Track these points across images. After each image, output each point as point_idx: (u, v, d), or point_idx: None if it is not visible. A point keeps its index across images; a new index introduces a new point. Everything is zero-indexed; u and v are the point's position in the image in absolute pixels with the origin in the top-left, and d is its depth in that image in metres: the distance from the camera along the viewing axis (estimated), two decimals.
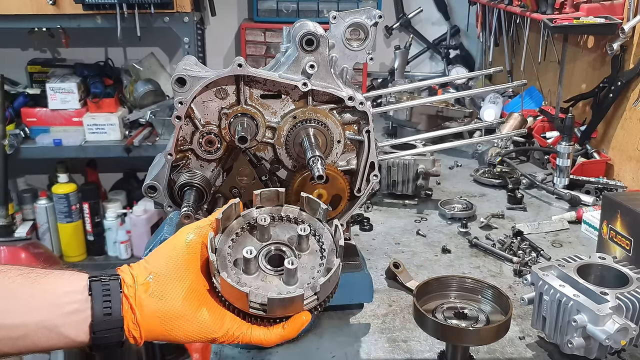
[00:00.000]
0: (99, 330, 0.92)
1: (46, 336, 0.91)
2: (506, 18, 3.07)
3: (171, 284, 0.97)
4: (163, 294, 0.96)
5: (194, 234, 1.01)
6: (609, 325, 1.19)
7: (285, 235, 1.06)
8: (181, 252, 0.99)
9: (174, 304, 0.96)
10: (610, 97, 2.36)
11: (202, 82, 1.30)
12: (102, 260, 4.14)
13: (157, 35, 4.07)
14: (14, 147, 3.68)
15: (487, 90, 2.79)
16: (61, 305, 0.92)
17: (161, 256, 0.99)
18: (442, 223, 2.05)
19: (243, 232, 1.06)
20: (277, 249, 1.04)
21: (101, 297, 0.93)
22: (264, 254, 1.03)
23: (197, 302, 0.98)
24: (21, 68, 4.05)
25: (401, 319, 1.49)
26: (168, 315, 0.96)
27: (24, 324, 0.90)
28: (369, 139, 1.38)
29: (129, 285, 0.96)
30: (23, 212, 4.15)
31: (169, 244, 1.01)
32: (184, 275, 0.98)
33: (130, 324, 0.94)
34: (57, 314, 0.92)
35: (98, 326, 0.92)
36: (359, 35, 1.47)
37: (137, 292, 0.95)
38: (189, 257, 0.99)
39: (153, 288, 0.96)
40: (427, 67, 4.31)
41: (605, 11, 2.33)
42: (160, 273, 0.97)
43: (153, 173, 1.37)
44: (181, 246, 0.99)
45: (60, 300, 0.92)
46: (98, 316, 0.92)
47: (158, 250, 1.01)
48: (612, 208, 1.59)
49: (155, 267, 0.98)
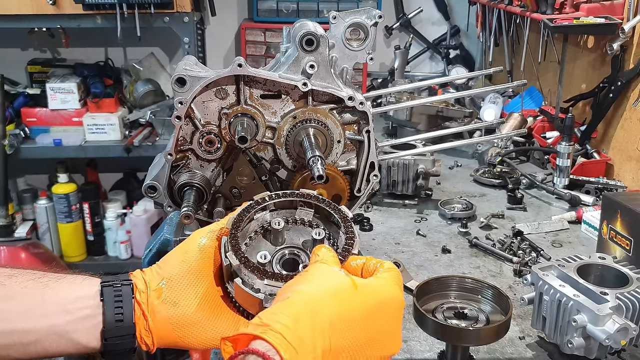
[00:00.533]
0: (111, 337, 0.91)
1: (57, 342, 0.90)
2: (506, 18, 3.07)
3: (184, 289, 0.94)
4: (176, 300, 0.94)
5: (207, 238, 0.98)
6: (609, 325, 1.19)
7: (299, 239, 1.03)
8: (194, 257, 0.96)
9: (187, 311, 0.94)
10: (610, 97, 2.36)
11: (202, 82, 1.30)
12: (102, 260, 4.15)
13: (157, 35, 4.07)
14: (14, 147, 3.68)
15: (487, 90, 2.79)
16: (72, 310, 0.91)
17: (174, 261, 0.97)
18: (442, 223, 2.05)
19: (257, 236, 1.03)
20: (292, 253, 1.01)
21: (113, 302, 0.91)
22: (278, 258, 1.00)
23: (210, 308, 0.96)
24: (21, 68, 4.05)
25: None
26: (181, 322, 0.93)
27: (35, 330, 0.89)
28: (369, 139, 1.38)
29: (141, 291, 0.93)
30: (23, 212, 4.15)
31: (182, 249, 0.98)
32: (197, 280, 0.95)
33: (143, 330, 0.92)
34: (68, 319, 0.90)
35: (109, 332, 0.91)
36: (359, 35, 1.47)
37: (150, 298, 0.93)
38: (202, 262, 0.96)
39: (166, 294, 0.94)
40: (427, 67, 4.31)
41: (605, 11, 2.33)
42: (173, 278, 0.95)
43: (153, 173, 1.38)
44: (194, 251, 0.97)
45: (71, 306, 0.91)
46: (109, 322, 0.91)
47: (170, 255, 0.99)
48: (612, 208, 1.59)
49: (168, 273, 0.95)
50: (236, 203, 1.40)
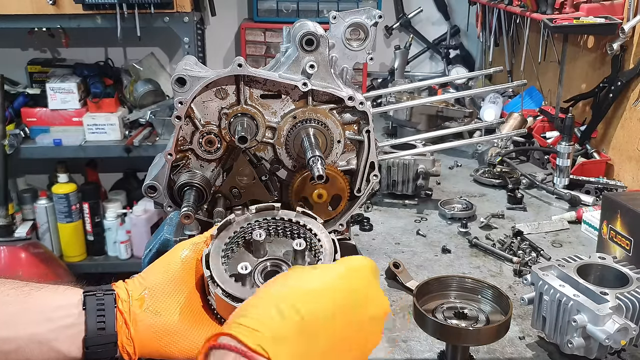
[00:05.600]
0: (92, 345, 0.91)
1: (38, 350, 0.90)
2: (506, 18, 3.07)
3: (166, 299, 0.96)
4: (158, 309, 0.95)
5: (189, 250, 1.01)
6: (609, 325, 1.19)
7: (281, 251, 1.05)
8: (176, 267, 0.98)
9: (169, 320, 0.95)
10: (610, 97, 2.36)
11: (202, 82, 1.30)
12: (102, 260, 4.14)
13: (157, 35, 4.07)
14: (14, 147, 3.68)
15: (487, 90, 2.79)
16: (54, 319, 0.91)
17: (156, 272, 0.99)
18: (442, 223, 2.05)
19: (238, 248, 1.05)
20: (273, 264, 1.02)
21: (95, 311, 0.92)
22: (260, 270, 1.01)
23: (192, 318, 0.97)
24: (21, 68, 4.05)
25: (401, 319, 1.49)
26: (163, 330, 0.95)
27: (16, 337, 0.89)
28: (369, 139, 1.38)
29: (123, 300, 0.95)
30: (23, 212, 4.14)
31: (164, 260, 1.00)
32: (179, 290, 0.97)
33: (124, 339, 0.93)
34: (50, 327, 0.91)
35: (91, 341, 0.91)
36: (359, 35, 1.47)
37: (132, 307, 0.94)
38: (184, 273, 0.98)
39: (148, 303, 0.95)
40: (427, 67, 4.31)
41: (605, 11, 2.33)
42: (155, 288, 0.96)
43: (153, 173, 1.37)
44: (176, 262, 0.99)
45: (53, 314, 0.92)
46: (91, 331, 0.91)
47: (153, 266, 1.00)
48: (612, 208, 1.59)
49: (151, 282, 0.97)
50: (236, 203, 1.40)
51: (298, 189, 1.37)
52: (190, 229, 1.40)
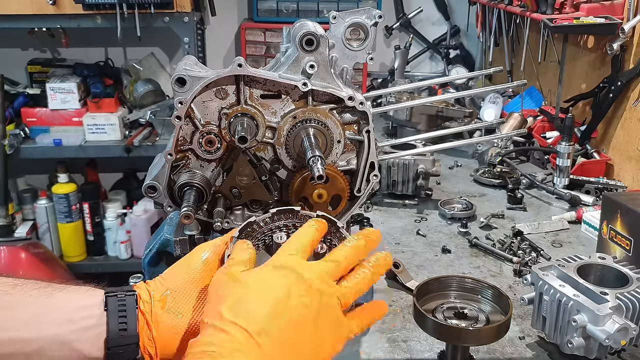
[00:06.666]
0: (114, 346, 0.91)
1: (60, 351, 0.90)
2: (506, 18, 3.07)
3: (188, 300, 0.96)
4: (180, 310, 0.95)
5: (210, 251, 1.00)
6: (609, 325, 1.19)
7: None
8: (197, 269, 0.98)
9: (191, 321, 0.95)
10: (610, 97, 2.36)
11: (202, 82, 1.30)
12: (102, 260, 4.15)
13: (157, 35, 4.07)
14: (14, 147, 3.68)
15: (487, 90, 2.78)
16: (76, 320, 0.91)
17: (177, 273, 0.99)
18: (442, 223, 2.05)
19: (259, 251, 1.04)
20: None
21: (117, 312, 0.92)
22: None
23: None
24: (21, 68, 4.05)
25: (401, 319, 1.49)
26: (185, 331, 0.94)
27: (38, 338, 0.89)
28: (369, 139, 1.38)
29: (145, 301, 0.94)
30: (23, 212, 4.15)
31: (185, 262, 1.00)
32: (200, 292, 0.97)
33: (146, 340, 0.93)
34: (72, 329, 0.90)
35: (113, 342, 0.91)
36: (359, 35, 1.47)
37: (154, 308, 0.94)
38: (205, 274, 0.98)
39: (170, 304, 0.95)
40: (427, 67, 4.31)
41: (605, 11, 2.33)
42: (177, 289, 0.96)
43: (153, 173, 1.37)
44: (197, 263, 0.99)
45: (75, 315, 0.91)
46: (113, 332, 0.91)
47: (174, 268, 1.01)
48: (612, 208, 1.59)
49: (172, 284, 0.97)
50: (236, 203, 1.40)
51: (298, 189, 1.37)
52: (190, 229, 1.40)
